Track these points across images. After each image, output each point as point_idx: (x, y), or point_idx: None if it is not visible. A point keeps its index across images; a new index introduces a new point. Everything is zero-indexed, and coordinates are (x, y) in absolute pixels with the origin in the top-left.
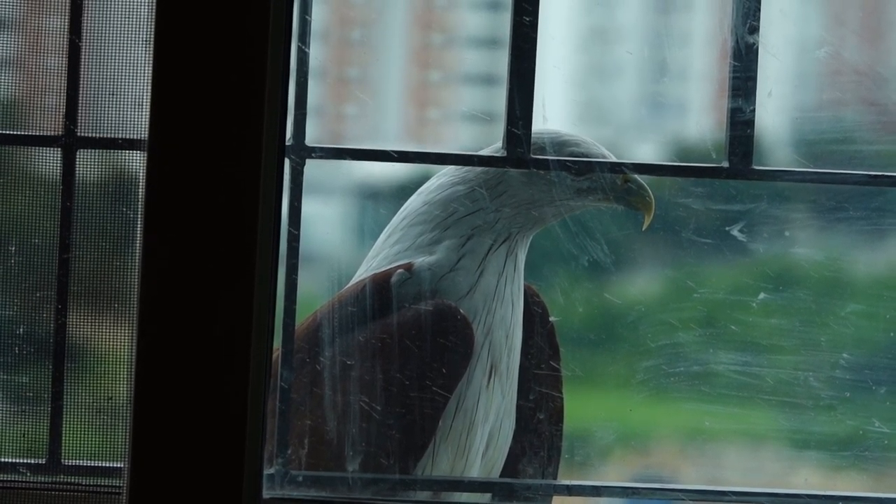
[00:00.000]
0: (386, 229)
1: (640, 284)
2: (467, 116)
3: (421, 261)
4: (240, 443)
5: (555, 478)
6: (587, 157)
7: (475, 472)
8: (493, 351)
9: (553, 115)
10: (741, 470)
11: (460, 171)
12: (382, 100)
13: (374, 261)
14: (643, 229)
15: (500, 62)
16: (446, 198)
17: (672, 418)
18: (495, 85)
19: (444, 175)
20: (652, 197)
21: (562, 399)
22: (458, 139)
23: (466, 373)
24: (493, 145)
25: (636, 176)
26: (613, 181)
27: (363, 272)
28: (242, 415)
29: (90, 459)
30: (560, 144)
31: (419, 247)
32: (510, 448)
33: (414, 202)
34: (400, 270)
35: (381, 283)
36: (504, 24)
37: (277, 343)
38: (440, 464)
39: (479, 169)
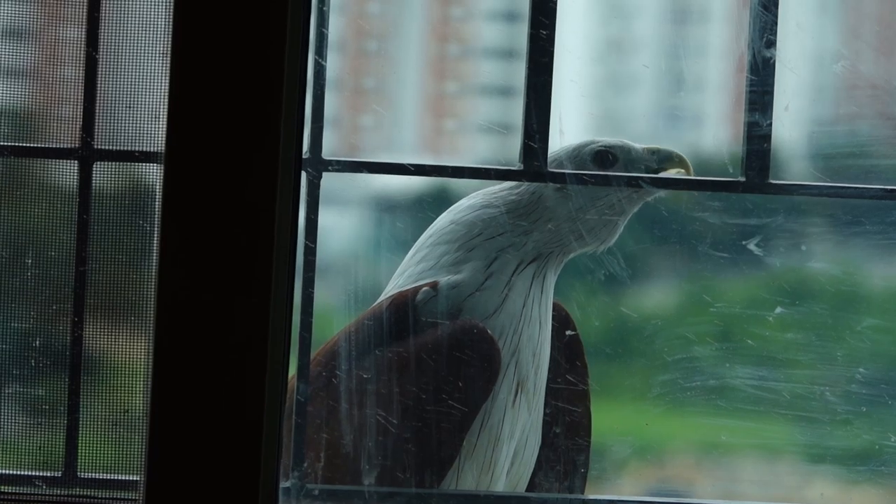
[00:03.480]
0: (413, 247)
1: (657, 298)
2: (484, 128)
3: (446, 279)
4: (256, 456)
5: (582, 492)
6: (608, 148)
7: (500, 487)
8: (519, 369)
9: (570, 127)
10: (757, 484)
11: (490, 194)
12: (399, 111)
13: (400, 279)
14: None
15: (517, 73)
16: (474, 219)
17: (688, 432)
18: (512, 96)
19: (474, 196)
20: (682, 154)
21: (589, 415)
22: (475, 151)
23: (492, 391)
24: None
25: (659, 147)
26: (641, 155)
27: (390, 289)
28: (259, 428)
29: (106, 472)
30: (578, 147)
31: (443, 266)
32: (537, 463)
33: (442, 221)
34: (425, 288)
35: (404, 302)
36: (521, 34)
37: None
38: (465, 479)
39: (508, 192)
